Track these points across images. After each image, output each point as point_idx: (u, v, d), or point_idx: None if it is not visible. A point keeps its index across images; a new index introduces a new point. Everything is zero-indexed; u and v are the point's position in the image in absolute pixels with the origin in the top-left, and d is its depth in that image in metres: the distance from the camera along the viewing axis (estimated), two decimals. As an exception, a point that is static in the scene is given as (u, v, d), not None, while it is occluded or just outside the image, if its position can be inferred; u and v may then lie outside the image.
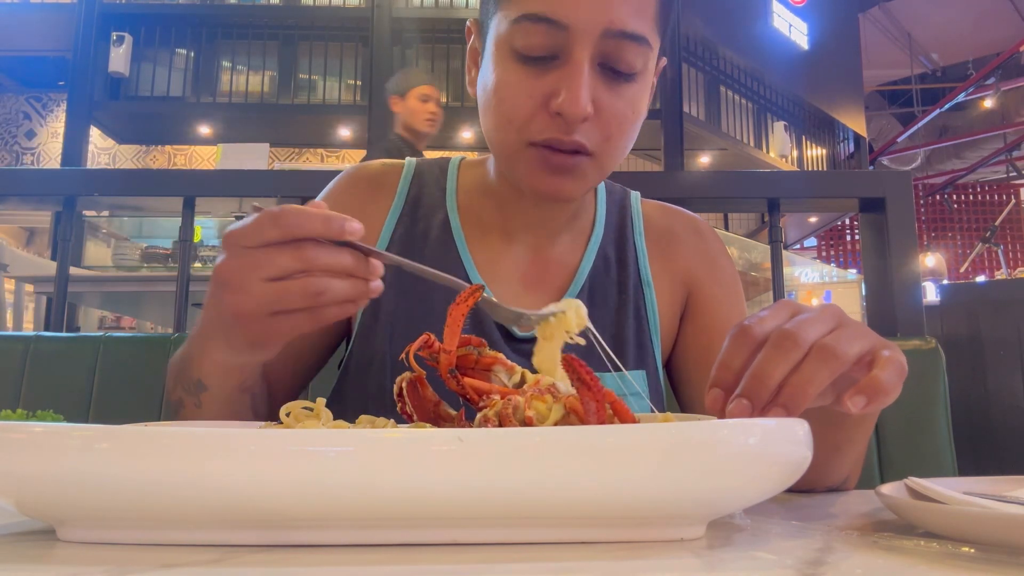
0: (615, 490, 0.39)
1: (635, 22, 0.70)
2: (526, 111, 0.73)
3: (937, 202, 10.51)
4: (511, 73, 0.73)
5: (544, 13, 0.70)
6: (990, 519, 0.42)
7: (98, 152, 7.22)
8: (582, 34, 0.69)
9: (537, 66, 0.72)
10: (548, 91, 0.71)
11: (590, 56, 0.70)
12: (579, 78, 0.69)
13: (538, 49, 0.71)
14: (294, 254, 0.55)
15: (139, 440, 0.39)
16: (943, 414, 1.14)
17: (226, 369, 0.67)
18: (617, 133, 0.74)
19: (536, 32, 0.70)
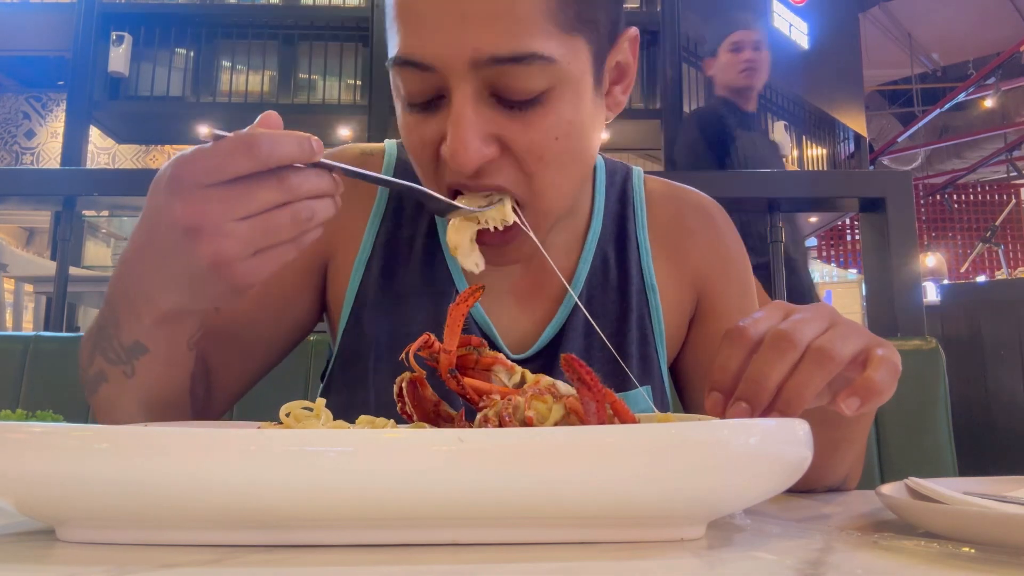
0: (615, 490, 0.39)
1: (511, 42, 0.59)
2: (427, 158, 0.66)
3: (937, 202, 10.51)
4: (405, 119, 0.66)
5: (408, 56, 0.61)
6: (990, 519, 0.42)
7: (98, 152, 7.22)
8: (450, 72, 0.60)
9: (424, 111, 0.64)
10: (439, 136, 0.64)
11: (472, 92, 0.61)
12: (457, 122, 0.61)
13: (418, 95, 0.63)
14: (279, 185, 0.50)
15: (139, 440, 0.39)
16: (943, 414, 1.14)
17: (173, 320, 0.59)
18: (539, 166, 0.64)
19: (410, 78, 0.63)
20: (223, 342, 0.77)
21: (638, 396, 0.78)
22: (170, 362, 0.64)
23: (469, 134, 0.61)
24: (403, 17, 0.62)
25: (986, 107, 9.20)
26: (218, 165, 0.49)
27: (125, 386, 0.65)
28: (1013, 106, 9.08)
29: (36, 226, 7.55)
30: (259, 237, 0.51)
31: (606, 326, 0.79)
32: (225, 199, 0.49)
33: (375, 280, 0.80)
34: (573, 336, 0.78)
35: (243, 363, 0.80)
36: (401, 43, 0.62)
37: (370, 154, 0.85)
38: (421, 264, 0.80)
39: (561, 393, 0.50)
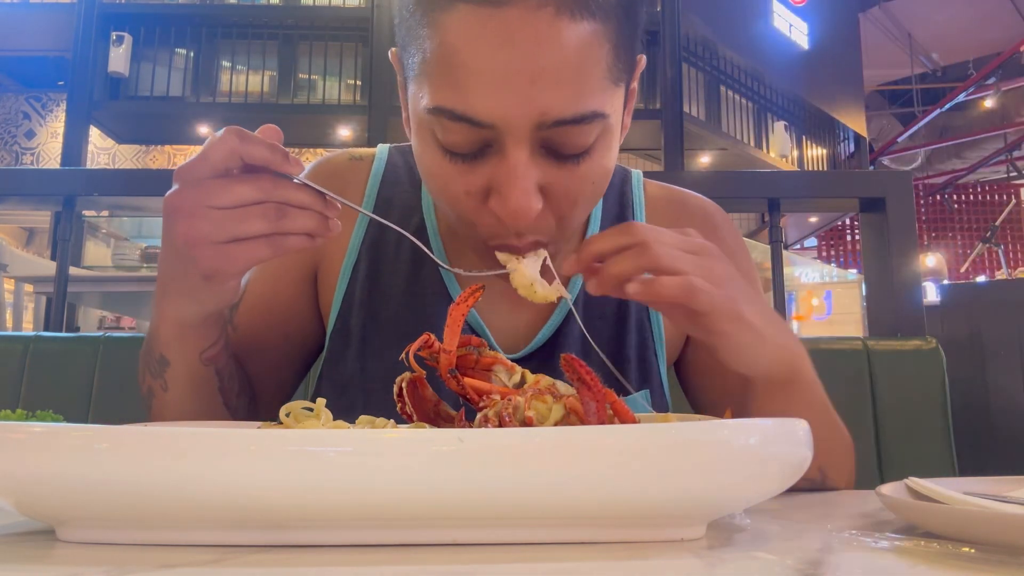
0: (615, 490, 0.39)
1: (575, 104, 0.58)
2: (467, 208, 0.63)
3: (937, 202, 10.51)
4: (440, 166, 0.62)
5: (465, 112, 0.57)
6: (990, 519, 0.42)
7: (98, 152, 7.22)
8: (511, 132, 0.58)
9: (467, 161, 0.61)
10: (484, 187, 0.61)
11: (528, 149, 0.59)
12: (517, 183, 0.59)
13: (463, 147, 0.60)
14: (252, 183, 0.54)
15: (139, 440, 0.39)
16: (943, 414, 1.15)
17: (183, 330, 0.65)
18: (572, 209, 0.64)
19: (457, 130, 0.59)
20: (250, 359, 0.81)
21: (635, 400, 0.77)
22: (190, 375, 0.68)
23: (530, 194, 0.59)
24: (461, 71, 0.57)
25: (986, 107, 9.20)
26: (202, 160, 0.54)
27: (165, 400, 0.70)
28: (1013, 106, 9.09)
29: (36, 226, 7.55)
30: (230, 223, 0.54)
31: (604, 329, 0.79)
32: (204, 188, 0.54)
33: (362, 282, 0.80)
34: (570, 339, 0.78)
35: (272, 375, 0.83)
36: (456, 97, 0.58)
37: (359, 159, 0.85)
38: (409, 265, 0.80)
39: (561, 393, 0.50)
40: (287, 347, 0.84)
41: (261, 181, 0.55)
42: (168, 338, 0.66)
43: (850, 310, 4.90)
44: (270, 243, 0.56)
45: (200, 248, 0.55)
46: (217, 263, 0.56)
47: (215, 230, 0.54)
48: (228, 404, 0.74)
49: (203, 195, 0.54)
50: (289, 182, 0.56)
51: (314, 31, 5.87)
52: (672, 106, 5.79)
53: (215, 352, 0.69)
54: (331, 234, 0.58)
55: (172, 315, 0.64)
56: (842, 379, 1.18)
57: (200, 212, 0.54)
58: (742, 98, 6.99)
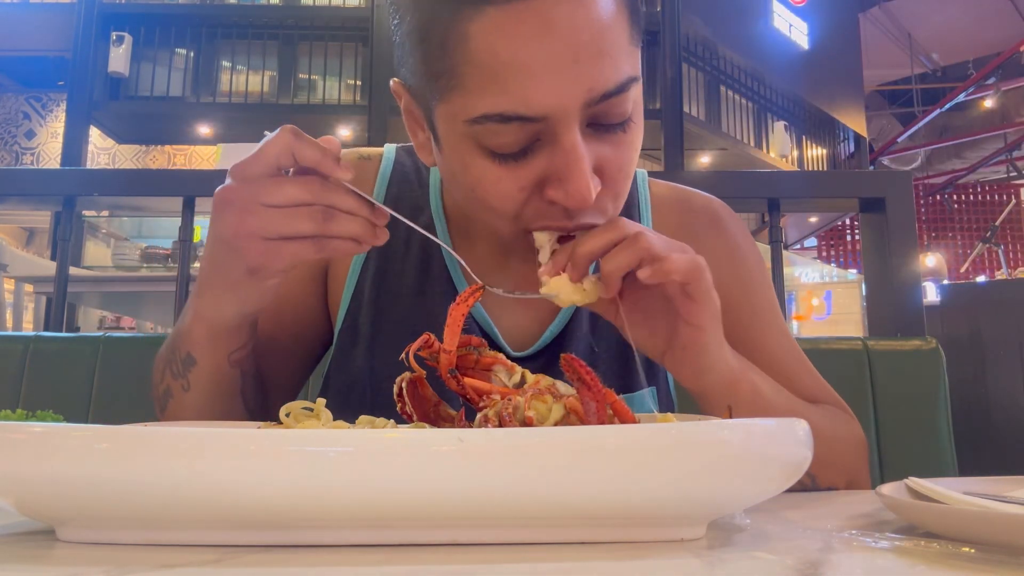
0: (615, 490, 0.39)
1: (616, 73, 0.59)
2: (517, 204, 0.62)
3: (937, 202, 10.51)
4: (487, 170, 0.61)
5: (516, 112, 0.57)
6: (990, 519, 0.42)
7: (98, 152, 7.22)
8: (564, 116, 0.58)
9: (517, 159, 0.60)
10: (538, 179, 0.61)
11: (580, 130, 0.59)
12: (578, 165, 0.58)
13: (513, 145, 0.59)
14: (303, 185, 0.56)
15: (139, 440, 0.39)
16: (943, 414, 1.14)
17: (217, 330, 0.66)
18: (624, 184, 0.64)
19: (507, 131, 0.58)
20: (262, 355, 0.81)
21: (644, 397, 0.78)
22: (215, 375, 0.69)
23: (589, 175, 0.59)
24: (505, 71, 0.56)
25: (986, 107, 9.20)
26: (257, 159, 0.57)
27: (184, 401, 0.70)
28: (1013, 106, 9.09)
29: (36, 226, 7.55)
30: (279, 220, 0.56)
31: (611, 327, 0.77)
32: (257, 185, 0.57)
33: (371, 280, 0.81)
34: (578, 336, 0.78)
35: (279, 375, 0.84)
36: (504, 99, 0.57)
37: (367, 158, 0.86)
38: (417, 261, 0.80)
39: (561, 393, 0.50)
40: (295, 345, 0.85)
41: (312, 184, 0.57)
42: (200, 337, 0.67)
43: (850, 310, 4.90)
44: (316, 244, 0.58)
45: (249, 241, 0.57)
46: (264, 258, 0.58)
47: (265, 226, 0.56)
48: (247, 406, 0.74)
49: (255, 191, 0.56)
50: (338, 187, 0.58)
51: (314, 31, 5.87)
52: (672, 106, 5.79)
53: (243, 354, 0.70)
54: (378, 242, 0.60)
55: (209, 313, 0.65)
56: (842, 379, 1.17)
57: (251, 208, 0.56)
58: (742, 98, 6.98)
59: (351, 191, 0.58)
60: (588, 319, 0.79)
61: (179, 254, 1.52)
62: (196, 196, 1.50)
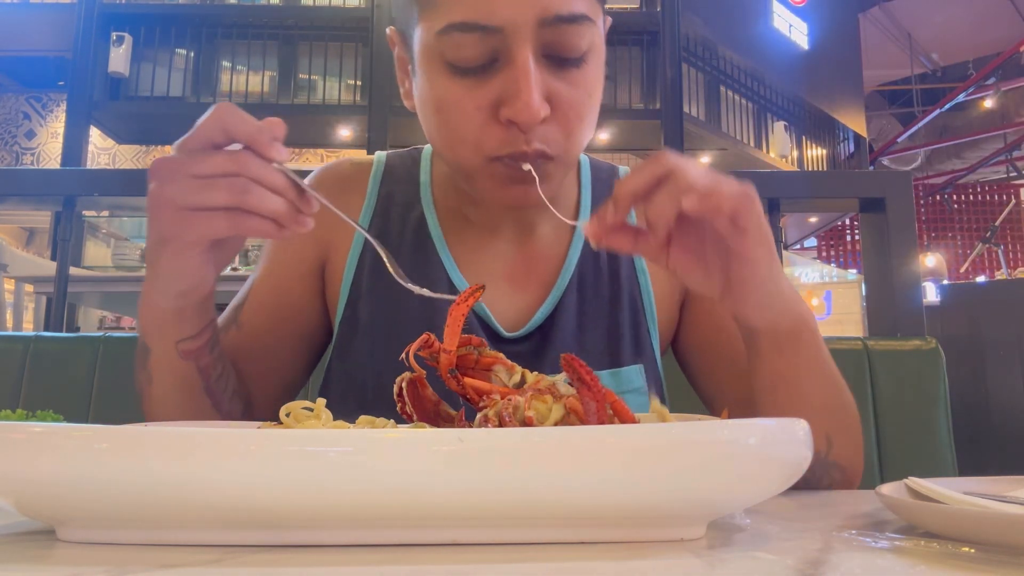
0: (615, 490, 0.39)
1: (571, 2, 0.64)
2: (475, 126, 0.67)
3: (937, 202, 10.51)
4: (449, 89, 0.67)
5: (471, 20, 0.64)
6: (990, 519, 0.42)
7: (98, 152, 7.22)
8: (518, 31, 0.63)
9: (476, 76, 0.66)
10: (494, 99, 0.66)
11: (532, 51, 0.64)
12: (526, 80, 0.63)
13: (473, 59, 0.65)
14: (228, 155, 0.55)
15: (139, 440, 0.39)
16: (943, 414, 1.14)
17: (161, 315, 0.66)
18: (578, 125, 0.69)
19: (467, 42, 0.64)
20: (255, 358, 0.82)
21: (632, 373, 0.80)
22: (170, 367, 0.69)
23: (536, 92, 0.64)
24: None
25: (986, 107, 9.20)
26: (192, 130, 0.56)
27: (150, 394, 0.71)
28: (1013, 106, 9.09)
29: (36, 226, 7.55)
30: (195, 187, 0.56)
31: (599, 307, 0.82)
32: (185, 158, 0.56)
33: (367, 273, 0.82)
34: (566, 318, 0.80)
35: (277, 375, 0.85)
36: (464, 8, 0.64)
37: (359, 164, 0.90)
38: (412, 253, 0.82)
39: (561, 393, 0.50)
40: (295, 343, 0.86)
41: (239, 156, 0.56)
42: (147, 323, 0.67)
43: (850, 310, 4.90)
44: (229, 217, 0.56)
45: (162, 210, 0.57)
46: (174, 227, 0.57)
47: (180, 194, 0.56)
48: (219, 407, 0.74)
49: (183, 161, 0.56)
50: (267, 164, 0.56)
51: (314, 31, 5.87)
52: (672, 106, 5.79)
53: (194, 346, 0.69)
54: (300, 228, 0.58)
55: (149, 298, 0.65)
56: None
57: (173, 177, 0.56)
58: (742, 98, 6.98)
59: (283, 172, 0.57)
60: (577, 299, 0.81)
61: (179, 254, 1.52)
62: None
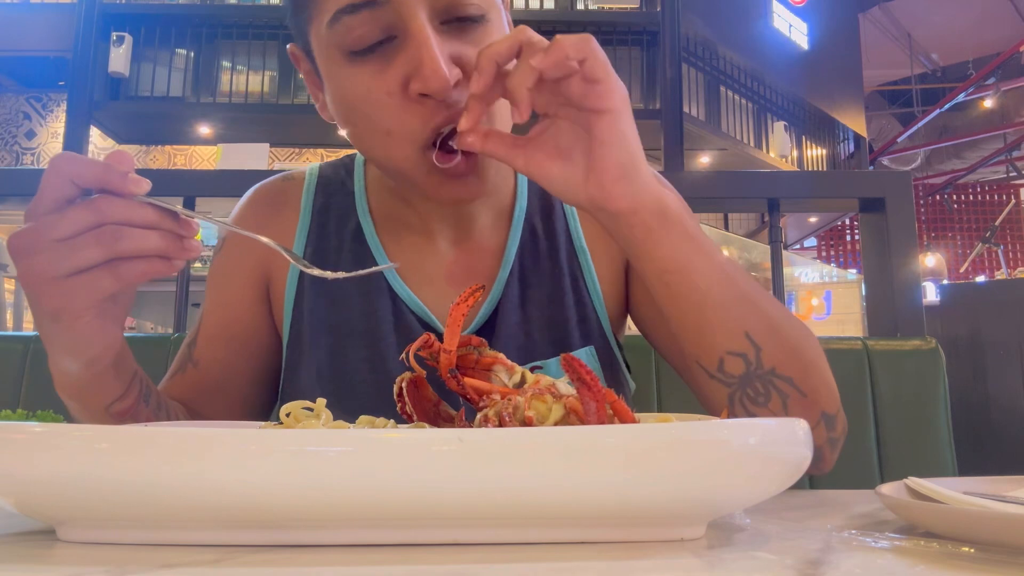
0: (615, 490, 0.39)
1: None
2: (392, 112, 0.65)
3: (937, 202, 10.51)
4: (354, 79, 0.65)
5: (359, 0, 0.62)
6: (990, 519, 0.42)
7: (98, 152, 7.22)
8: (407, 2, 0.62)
9: (377, 57, 0.64)
10: (402, 79, 0.63)
11: (427, 18, 0.63)
12: (427, 46, 0.61)
13: (368, 38, 0.63)
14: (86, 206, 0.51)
15: (139, 440, 0.39)
16: (943, 414, 1.15)
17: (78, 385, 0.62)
18: None
19: (358, 23, 0.63)
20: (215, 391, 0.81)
21: (581, 356, 0.79)
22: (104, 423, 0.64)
23: (440, 56, 0.62)
24: None
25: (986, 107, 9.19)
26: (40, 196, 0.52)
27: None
28: (1013, 106, 9.09)
29: (36, 226, 7.54)
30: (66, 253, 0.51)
31: (541, 294, 0.81)
32: (43, 223, 0.51)
33: (308, 289, 0.82)
34: (509, 309, 0.80)
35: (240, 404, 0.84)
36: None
37: (291, 178, 0.89)
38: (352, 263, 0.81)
39: (561, 393, 0.50)
40: (254, 370, 0.85)
41: (97, 202, 0.51)
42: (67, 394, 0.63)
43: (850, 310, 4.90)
44: (112, 271, 0.52)
45: (40, 287, 0.53)
46: (60, 300, 0.53)
47: (52, 264, 0.51)
48: None
49: (41, 229, 0.51)
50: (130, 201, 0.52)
51: (314, 31, 5.87)
52: (672, 106, 5.78)
53: (125, 406, 0.65)
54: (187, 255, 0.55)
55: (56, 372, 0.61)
56: (842, 379, 1.17)
57: (38, 247, 0.51)
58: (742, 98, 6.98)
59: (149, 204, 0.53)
60: (519, 289, 0.81)
61: (179, 254, 1.52)
62: (196, 196, 1.50)
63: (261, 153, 4.51)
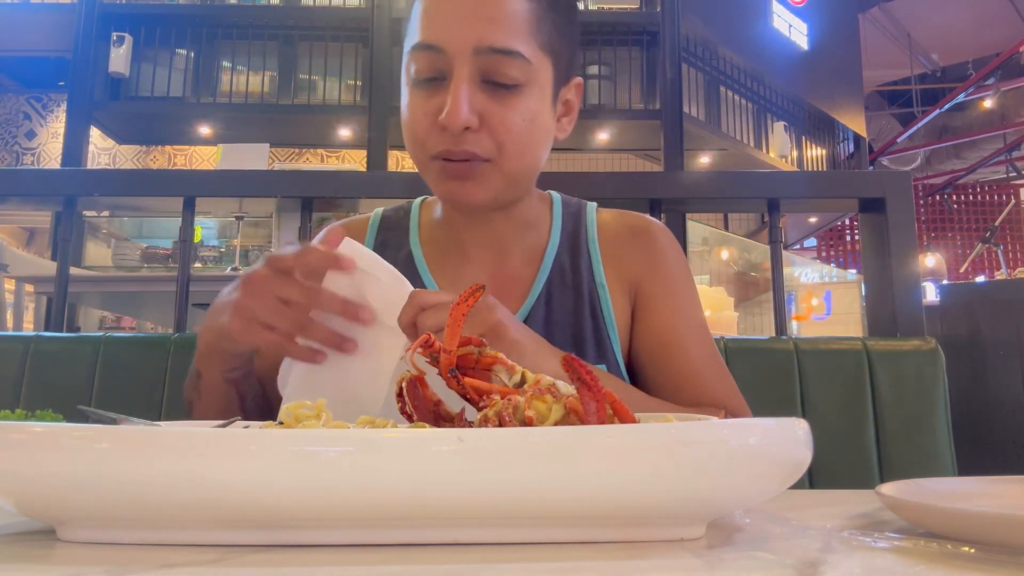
0: (615, 490, 0.39)
1: (504, 39, 0.81)
2: (423, 128, 0.84)
3: (937, 202, 10.51)
4: (411, 97, 0.85)
5: (426, 41, 0.82)
6: (990, 519, 0.42)
7: (98, 152, 7.22)
8: (457, 54, 0.81)
9: (429, 87, 0.83)
10: (437, 109, 0.82)
11: (469, 73, 0.81)
12: (457, 92, 0.80)
13: (425, 72, 0.83)
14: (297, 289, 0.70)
15: (139, 440, 0.39)
16: (943, 414, 1.15)
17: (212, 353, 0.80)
18: (509, 140, 0.83)
19: (423, 58, 0.83)
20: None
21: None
22: (216, 388, 0.83)
23: (463, 102, 0.80)
24: (424, 14, 0.84)
25: (985, 107, 9.19)
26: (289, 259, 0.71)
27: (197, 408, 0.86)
28: (1012, 106, 9.08)
29: (36, 226, 7.55)
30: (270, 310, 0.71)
31: (564, 316, 0.94)
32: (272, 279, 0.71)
33: None
34: (535, 327, 0.89)
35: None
36: (422, 32, 0.83)
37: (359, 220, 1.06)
38: None
39: (561, 393, 0.50)
40: None
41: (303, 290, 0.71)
42: (201, 355, 0.82)
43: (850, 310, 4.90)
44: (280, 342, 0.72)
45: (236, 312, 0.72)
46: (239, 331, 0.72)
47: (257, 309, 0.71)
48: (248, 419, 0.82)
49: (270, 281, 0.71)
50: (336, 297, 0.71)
51: (314, 31, 5.86)
52: (672, 106, 5.78)
53: (237, 376, 0.83)
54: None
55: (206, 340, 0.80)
56: (842, 379, 1.18)
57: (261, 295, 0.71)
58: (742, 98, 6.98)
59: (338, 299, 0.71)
60: (544, 311, 0.93)
61: (179, 254, 1.52)
62: (196, 196, 1.50)
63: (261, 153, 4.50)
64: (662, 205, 1.49)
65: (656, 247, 0.98)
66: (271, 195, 1.54)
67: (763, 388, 1.16)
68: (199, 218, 4.34)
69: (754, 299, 5.61)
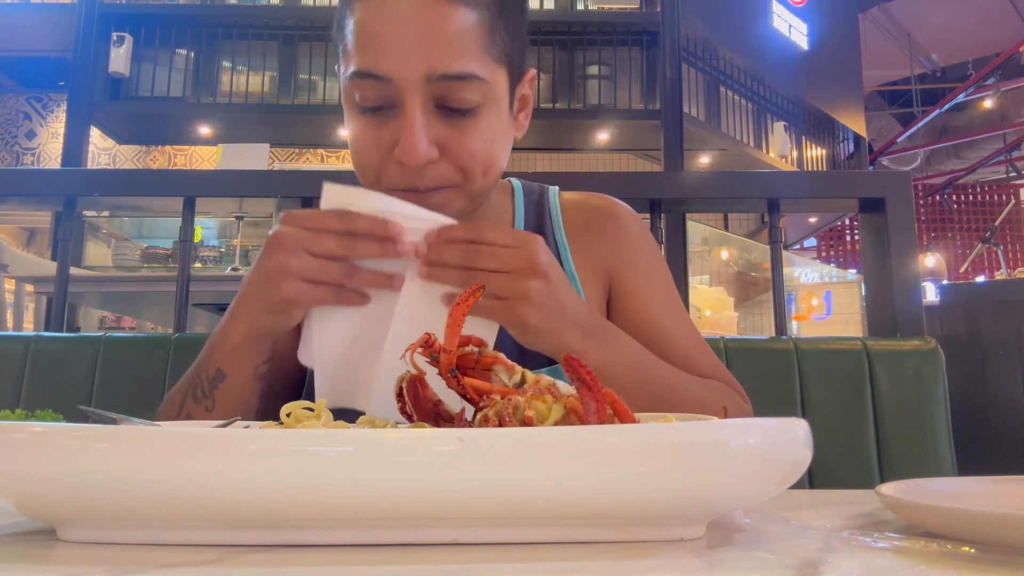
0: (615, 490, 0.39)
1: (458, 63, 0.74)
2: (377, 162, 0.78)
3: (937, 202, 10.51)
4: (358, 125, 0.78)
5: (369, 69, 0.74)
6: (990, 519, 0.42)
7: (98, 152, 7.22)
8: (406, 84, 0.73)
9: (378, 116, 0.76)
10: (390, 141, 0.76)
11: (422, 102, 0.74)
12: (411, 127, 0.74)
13: (372, 100, 0.76)
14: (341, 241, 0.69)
15: (139, 440, 0.39)
16: (943, 414, 1.15)
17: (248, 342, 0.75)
18: (472, 164, 0.78)
19: (367, 87, 0.75)
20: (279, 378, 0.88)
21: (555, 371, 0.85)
22: (241, 389, 0.77)
23: (420, 137, 0.74)
24: (368, 39, 0.74)
25: (985, 107, 9.19)
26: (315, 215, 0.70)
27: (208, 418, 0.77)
28: (1012, 106, 9.08)
29: (36, 226, 7.55)
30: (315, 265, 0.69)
31: None
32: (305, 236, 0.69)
33: None
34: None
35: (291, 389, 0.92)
36: (364, 59, 0.74)
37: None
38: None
39: (561, 393, 0.50)
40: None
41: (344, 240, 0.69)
42: (232, 350, 0.75)
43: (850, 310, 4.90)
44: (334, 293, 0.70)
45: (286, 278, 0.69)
46: (296, 294, 0.69)
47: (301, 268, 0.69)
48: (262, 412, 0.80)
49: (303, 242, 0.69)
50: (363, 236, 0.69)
51: (314, 31, 5.86)
52: (672, 106, 5.78)
53: (267, 369, 0.78)
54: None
55: (243, 328, 0.74)
56: (842, 379, 1.18)
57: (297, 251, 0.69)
58: (742, 99, 6.98)
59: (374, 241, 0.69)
60: None
61: (179, 254, 1.52)
62: (196, 196, 1.50)
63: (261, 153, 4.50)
64: (662, 205, 1.49)
65: (625, 232, 0.95)
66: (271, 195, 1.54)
67: (763, 388, 1.16)
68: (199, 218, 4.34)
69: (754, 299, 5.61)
